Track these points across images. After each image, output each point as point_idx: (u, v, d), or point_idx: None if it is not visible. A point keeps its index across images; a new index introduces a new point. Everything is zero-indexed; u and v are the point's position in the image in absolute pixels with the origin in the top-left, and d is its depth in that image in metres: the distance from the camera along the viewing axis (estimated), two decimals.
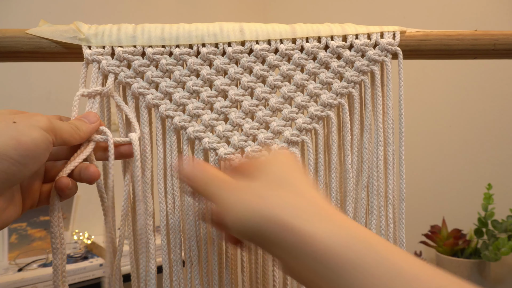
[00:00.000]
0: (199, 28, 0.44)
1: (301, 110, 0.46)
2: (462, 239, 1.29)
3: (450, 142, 1.43)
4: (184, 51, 0.44)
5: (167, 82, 0.44)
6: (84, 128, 0.39)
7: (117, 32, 0.43)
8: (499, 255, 1.17)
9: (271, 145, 0.46)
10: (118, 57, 0.43)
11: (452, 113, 1.42)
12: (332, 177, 0.48)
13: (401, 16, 1.50)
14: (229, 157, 0.45)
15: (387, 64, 0.47)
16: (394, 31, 0.47)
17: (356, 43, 0.46)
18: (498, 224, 1.24)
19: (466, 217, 1.36)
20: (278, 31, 0.45)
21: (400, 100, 0.47)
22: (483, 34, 0.47)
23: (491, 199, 1.24)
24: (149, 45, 0.43)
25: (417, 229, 1.40)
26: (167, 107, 0.44)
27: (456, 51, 0.47)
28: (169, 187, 0.45)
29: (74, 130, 0.38)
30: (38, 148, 0.33)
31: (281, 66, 0.45)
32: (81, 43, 0.43)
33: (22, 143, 0.33)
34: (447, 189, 1.44)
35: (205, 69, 0.44)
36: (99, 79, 0.43)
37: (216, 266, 0.46)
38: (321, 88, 0.46)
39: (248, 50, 0.45)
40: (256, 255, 0.47)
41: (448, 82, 1.42)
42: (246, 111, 0.45)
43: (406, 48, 0.47)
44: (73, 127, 0.38)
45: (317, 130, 0.46)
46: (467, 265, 1.24)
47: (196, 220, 0.46)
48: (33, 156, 0.33)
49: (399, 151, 0.48)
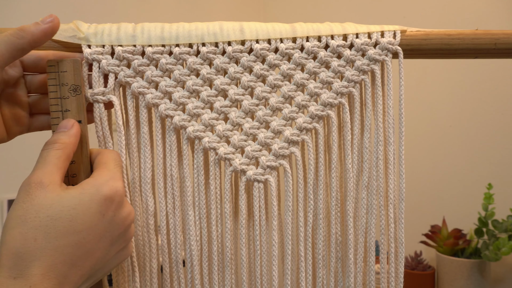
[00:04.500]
0: (199, 28, 0.44)
1: (302, 109, 0.46)
2: (463, 239, 1.29)
3: (450, 142, 1.43)
4: (184, 50, 0.44)
5: (167, 82, 0.44)
6: (32, 28, 0.37)
7: (117, 31, 0.43)
8: (499, 255, 1.17)
9: (271, 144, 0.46)
10: (118, 57, 0.43)
11: (452, 113, 1.42)
12: (333, 176, 0.47)
13: (401, 15, 1.50)
14: (229, 157, 0.45)
15: (388, 63, 0.46)
16: (395, 30, 0.46)
17: (357, 43, 0.46)
18: (499, 224, 1.23)
19: (467, 217, 1.36)
20: (278, 30, 0.45)
21: (401, 99, 0.47)
22: (484, 34, 0.47)
23: (491, 199, 1.24)
24: (149, 44, 0.43)
25: (417, 229, 1.40)
26: (166, 107, 0.44)
27: (457, 51, 0.47)
28: (169, 187, 0.45)
29: (16, 32, 0.37)
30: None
31: (281, 65, 0.45)
32: (80, 42, 0.42)
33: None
34: (447, 189, 1.44)
35: (205, 69, 0.44)
36: (100, 79, 0.43)
37: (216, 266, 0.46)
38: (322, 88, 0.46)
39: (248, 50, 0.45)
40: (256, 255, 0.47)
41: (449, 81, 1.42)
42: (246, 111, 0.45)
43: (407, 48, 0.47)
44: (14, 31, 0.37)
45: (318, 129, 0.46)
46: (467, 265, 1.24)
47: (197, 220, 0.46)
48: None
49: (399, 150, 0.48)
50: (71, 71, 0.40)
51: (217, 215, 0.46)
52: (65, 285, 0.33)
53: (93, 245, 0.35)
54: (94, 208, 0.35)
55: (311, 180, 0.46)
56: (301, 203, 0.47)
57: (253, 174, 0.45)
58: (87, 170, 0.40)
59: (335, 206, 0.48)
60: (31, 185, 0.34)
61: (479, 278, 1.23)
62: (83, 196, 0.35)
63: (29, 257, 0.32)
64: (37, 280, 0.32)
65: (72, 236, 0.34)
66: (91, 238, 0.35)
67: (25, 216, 0.33)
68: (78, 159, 0.40)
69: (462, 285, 1.24)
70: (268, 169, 0.46)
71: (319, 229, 0.47)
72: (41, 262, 0.32)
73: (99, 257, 0.36)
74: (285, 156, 0.46)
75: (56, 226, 0.33)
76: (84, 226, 0.34)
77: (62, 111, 0.40)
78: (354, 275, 0.48)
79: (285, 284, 0.48)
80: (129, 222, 0.38)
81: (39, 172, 0.35)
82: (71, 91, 0.40)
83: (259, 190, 0.46)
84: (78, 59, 0.41)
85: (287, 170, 0.46)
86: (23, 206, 0.34)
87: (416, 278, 1.33)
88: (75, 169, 0.40)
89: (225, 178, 0.46)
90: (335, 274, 0.48)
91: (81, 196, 0.35)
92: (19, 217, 0.33)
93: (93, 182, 0.36)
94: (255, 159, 0.46)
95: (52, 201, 0.34)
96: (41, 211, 0.34)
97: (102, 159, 0.39)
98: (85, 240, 0.35)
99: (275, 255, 0.46)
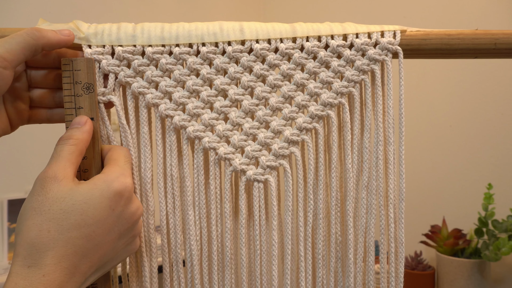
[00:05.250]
0: (199, 27, 0.44)
1: (301, 109, 0.46)
2: (463, 239, 1.29)
3: (450, 142, 1.43)
4: (184, 50, 0.44)
5: (167, 82, 0.44)
6: (49, 33, 0.39)
7: (117, 31, 0.43)
8: (499, 255, 1.17)
9: (271, 144, 0.46)
10: (118, 57, 0.43)
11: (452, 113, 1.42)
12: (332, 176, 0.47)
13: (401, 15, 1.50)
14: (229, 157, 0.45)
15: (388, 63, 0.46)
16: (395, 30, 0.46)
17: (357, 42, 0.46)
18: (499, 224, 1.24)
19: (467, 217, 1.36)
20: (278, 30, 0.45)
21: (401, 99, 0.47)
22: (484, 34, 0.47)
23: (491, 199, 1.24)
24: (149, 44, 0.43)
25: (417, 229, 1.40)
26: (166, 107, 0.44)
27: (457, 51, 0.47)
28: (169, 187, 0.45)
29: (32, 32, 0.38)
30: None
31: (281, 65, 0.45)
32: (81, 42, 0.42)
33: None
34: (447, 189, 1.44)
35: (205, 69, 0.44)
36: (100, 79, 0.43)
37: (216, 266, 0.46)
38: (322, 88, 0.46)
39: (248, 50, 0.45)
40: (256, 254, 0.47)
41: (448, 81, 1.42)
42: (246, 111, 0.45)
43: (407, 48, 0.47)
44: (30, 31, 0.38)
45: (318, 129, 0.46)
46: (467, 265, 1.24)
47: (197, 220, 0.46)
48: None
49: (399, 150, 0.48)
50: (84, 70, 0.41)
51: (217, 215, 0.46)
52: (76, 274, 0.35)
53: (103, 238, 0.37)
54: (104, 203, 0.36)
55: (311, 180, 0.47)
56: (301, 203, 0.47)
57: (253, 174, 0.45)
58: (98, 165, 0.41)
59: (335, 206, 0.48)
60: (46, 179, 0.36)
61: (479, 278, 1.23)
62: (94, 191, 0.36)
63: (43, 247, 0.34)
64: (50, 269, 0.34)
65: (83, 228, 0.35)
66: (100, 231, 0.36)
67: (40, 209, 0.35)
68: (90, 155, 0.41)
69: (462, 285, 1.24)
70: (268, 169, 0.46)
71: (319, 229, 0.47)
72: (54, 252, 0.34)
73: (108, 250, 0.37)
74: (285, 156, 0.46)
75: (68, 218, 0.35)
76: (94, 219, 0.36)
77: (76, 108, 0.41)
78: (354, 275, 0.48)
79: (285, 284, 0.48)
80: (137, 217, 0.40)
81: (54, 167, 0.37)
82: (84, 89, 0.41)
83: (259, 190, 0.46)
84: (92, 58, 0.42)
85: (287, 170, 0.46)
86: (38, 198, 0.35)
87: (416, 278, 1.33)
88: (87, 165, 0.41)
89: (225, 178, 0.46)
90: (335, 274, 0.48)
91: (93, 191, 0.36)
92: (34, 209, 0.35)
93: (104, 177, 0.38)
94: (255, 159, 0.46)
95: (65, 194, 0.36)
96: (55, 204, 0.35)
97: (113, 155, 0.41)
98: (95, 233, 0.36)
99: (275, 255, 0.46)
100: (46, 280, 0.33)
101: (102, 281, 0.41)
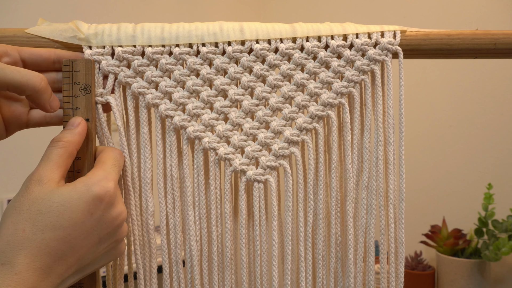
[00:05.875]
0: (199, 28, 0.44)
1: (301, 109, 0.46)
2: (463, 239, 1.29)
3: (450, 142, 1.43)
4: (184, 50, 0.44)
5: (167, 82, 0.44)
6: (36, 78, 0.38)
7: (117, 32, 0.43)
8: (499, 255, 1.17)
9: (271, 144, 0.46)
10: (118, 57, 0.43)
11: (452, 113, 1.42)
12: (332, 176, 0.47)
13: (401, 15, 1.50)
14: (229, 157, 0.45)
15: (388, 63, 0.46)
16: (395, 30, 0.46)
17: (357, 43, 0.46)
18: (499, 224, 1.23)
19: (467, 217, 1.36)
20: (278, 30, 0.45)
21: (401, 99, 0.47)
22: (484, 34, 0.47)
23: (491, 199, 1.24)
24: (149, 44, 0.43)
25: (417, 229, 1.40)
26: (166, 107, 0.44)
27: (457, 51, 0.47)
28: (169, 187, 0.45)
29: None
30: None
31: (281, 65, 0.45)
32: (81, 43, 0.42)
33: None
34: (447, 189, 1.44)
35: (205, 69, 0.44)
36: (100, 80, 0.43)
37: (216, 266, 0.46)
38: (322, 88, 0.46)
39: (248, 50, 0.45)
40: (256, 255, 0.47)
41: (448, 82, 1.42)
42: (246, 111, 0.45)
43: (407, 48, 0.47)
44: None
45: (318, 129, 0.46)
46: (467, 265, 1.24)
47: (197, 220, 0.46)
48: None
49: (399, 150, 0.48)
50: (83, 71, 0.41)
51: (217, 215, 0.46)
52: (51, 275, 0.35)
53: (79, 241, 0.36)
54: (82, 206, 0.36)
55: (311, 180, 0.46)
56: (301, 203, 0.47)
57: (253, 174, 0.45)
58: (91, 166, 0.41)
59: (335, 206, 0.48)
60: (31, 181, 0.37)
61: (479, 278, 1.23)
62: (73, 194, 0.36)
63: (17, 246, 0.34)
64: (22, 268, 0.34)
65: (58, 230, 0.35)
66: (77, 235, 0.36)
67: (19, 208, 0.36)
68: (84, 155, 0.41)
69: (462, 285, 1.24)
70: (268, 169, 0.46)
71: (319, 229, 0.47)
72: (27, 252, 0.34)
73: (86, 253, 0.37)
74: (285, 156, 0.46)
75: (43, 219, 0.35)
76: (70, 222, 0.36)
77: (73, 109, 0.41)
78: (354, 275, 0.48)
79: (285, 284, 0.48)
80: (119, 222, 0.39)
81: (40, 169, 0.37)
82: (82, 90, 0.41)
83: (259, 190, 0.46)
84: (90, 59, 0.42)
85: (287, 170, 0.46)
86: (20, 199, 0.36)
87: (416, 278, 1.33)
88: (80, 165, 0.41)
89: (225, 178, 0.46)
90: (335, 274, 0.48)
91: (71, 194, 0.36)
92: (14, 208, 0.36)
93: (86, 180, 0.37)
94: (255, 159, 0.46)
95: (44, 196, 0.36)
96: (33, 205, 0.36)
97: (102, 158, 0.40)
98: (71, 236, 0.36)
99: (275, 255, 0.46)
100: (18, 279, 0.33)
101: (88, 281, 0.41)
